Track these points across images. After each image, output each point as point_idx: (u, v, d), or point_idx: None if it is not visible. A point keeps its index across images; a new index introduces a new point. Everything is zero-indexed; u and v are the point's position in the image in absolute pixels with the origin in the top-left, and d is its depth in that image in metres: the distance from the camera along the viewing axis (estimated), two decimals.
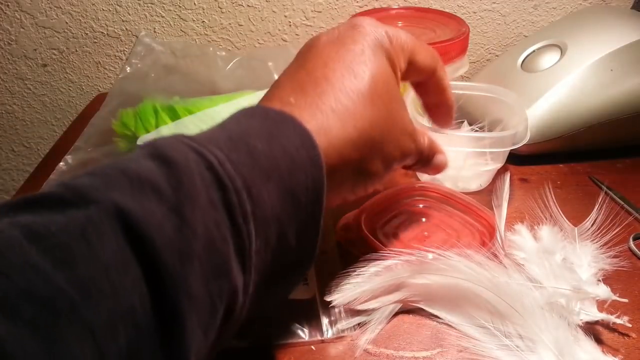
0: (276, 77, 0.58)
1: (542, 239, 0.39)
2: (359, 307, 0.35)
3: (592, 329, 0.34)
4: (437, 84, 0.34)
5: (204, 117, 0.48)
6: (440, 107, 0.36)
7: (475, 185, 0.49)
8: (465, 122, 0.53)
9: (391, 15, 0.60)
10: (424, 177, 0.50)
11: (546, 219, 0.42)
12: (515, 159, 0.54)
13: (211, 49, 0.62)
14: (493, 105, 0.50)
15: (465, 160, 0.47)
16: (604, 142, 0.54)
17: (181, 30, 0.67)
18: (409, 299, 0.36)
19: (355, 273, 0.36)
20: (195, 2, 0.65)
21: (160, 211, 0.19)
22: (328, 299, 0.36)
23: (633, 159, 0.54)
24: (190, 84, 0.56)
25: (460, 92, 0.50)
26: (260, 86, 0.53)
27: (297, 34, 0.68)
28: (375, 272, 0.36)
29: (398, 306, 0.36)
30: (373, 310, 0.35)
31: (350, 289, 0.36)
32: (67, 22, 0.66)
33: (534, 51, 0.56)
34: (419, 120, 0.43)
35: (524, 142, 0.44)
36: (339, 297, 0.36)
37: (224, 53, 0.61)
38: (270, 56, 0.60)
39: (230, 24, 0.67)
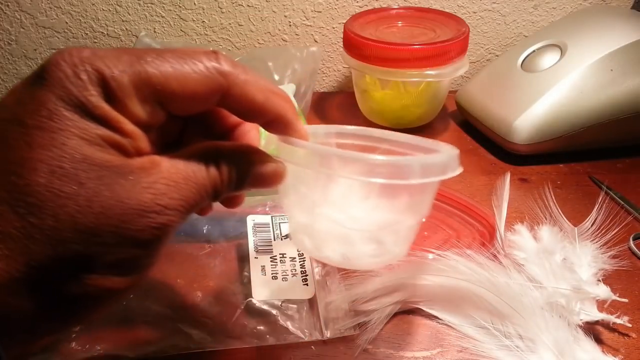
0: (276, 77, 0.59)
1: (542, 239, 0.39)
2: (359, 308, 0.35)
3: (592, 329, 0.34)
4: (241, 100, 0.23)
5: None
6: (275, 122, 0.25)
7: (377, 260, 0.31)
8: None
9: (391, 15, 0.60)
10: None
11: (546, 219, 0.42)
12: (516, 159, 0.54)
13: (211, 49, 0.62)
14: None
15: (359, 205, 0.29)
16: (604, 142, 0.54)
17: (181, 30, 0.67)
18: (409, 299, 0.36)
19: (355, 274, 0.36)
20: (195, 2, 0.65)
21: None
22: (328, 299, 0.36)
23: (633, 159, 0.54)
24: None
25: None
26: None
27: (297, 34, 0.68)
28: (375, 272, 0.36)
29: (398, 306, 0.36)
30: (373, 310, 0.35)
31: (351, 290, 0.36)
32: (67, 22, 0.66)
33: (534, 51, 0.56)
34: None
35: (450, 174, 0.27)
36: (339, 297, 0.36)
37: (224, 53, 0.61)
38: (270, 56, 0.59)
39: (230, 24, 0.67)
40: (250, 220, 0.42)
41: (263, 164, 0.26)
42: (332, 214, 0.28)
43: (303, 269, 0.38)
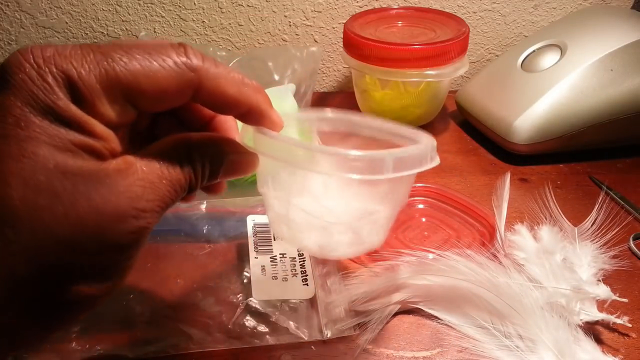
0: (276, 77, 0.59)
1: (542, 239, 0.39)
2: (359, 308, 0.35)
3: (592, 329, 0.34)
4: (214, 94, 0.23)
5: None
6: (249, 113, 0.25)
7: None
8: None
9: (391, 15, 0.60)
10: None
11: (546, 219, 0.42)
12: (516, 159, 0.54)
13: (211, 49, 0.62)
14: None
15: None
16: (604, 142, 0.54)
17: (181, 30, 0.67)
18: (409, 299, 0.36)
19: (355, 274, 0.36)
20: (195, 2, 0.65)
21: None
22: (328, 299, 0.36)
23: (633, 159, 0.54)
24: None
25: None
26: None
27: (297, 34, 0.68)
28: (375, 272, 0.36)
29: (398, 306, 0.36)
30: (373, 310, 0.35)
31: (351, 290, 0.36)
32: (67, 22, 0.66)
33: (534, 51, 0.56)
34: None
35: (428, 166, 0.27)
36: (339, 297, 0.36)
37: (224, 53, 0.61)
38: (270, 56, 0.59)
39: (230, 24, 0.67)
40: (250, 220, 0.42)
41: (235, 154, 0.25)
42: (308, 205, 0.28)
43: (303, 269, 0.38)
